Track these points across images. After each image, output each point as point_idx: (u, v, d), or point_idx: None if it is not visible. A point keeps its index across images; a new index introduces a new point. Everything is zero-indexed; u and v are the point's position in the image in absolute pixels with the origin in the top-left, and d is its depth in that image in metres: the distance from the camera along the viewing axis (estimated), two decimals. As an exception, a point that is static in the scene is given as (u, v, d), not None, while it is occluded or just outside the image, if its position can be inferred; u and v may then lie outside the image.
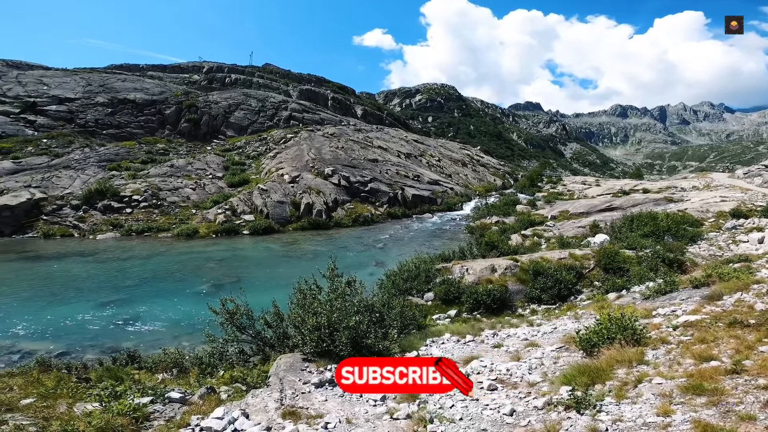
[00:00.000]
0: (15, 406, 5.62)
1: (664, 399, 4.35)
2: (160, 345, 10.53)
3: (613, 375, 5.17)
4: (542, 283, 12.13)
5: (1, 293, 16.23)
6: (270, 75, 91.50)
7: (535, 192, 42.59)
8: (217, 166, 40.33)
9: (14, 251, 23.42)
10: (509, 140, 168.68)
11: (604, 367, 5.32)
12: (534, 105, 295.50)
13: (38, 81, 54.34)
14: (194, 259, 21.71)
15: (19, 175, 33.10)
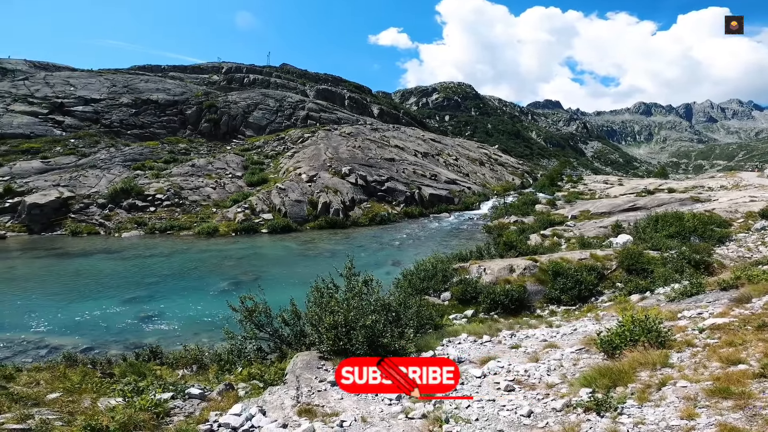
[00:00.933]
0: (41, 401, 5.78)
1: (689, 402, 4.24)
2: (180, 341, 10.78)
3: (636, 377, 5.06)
4: (562, 284, 11.91)
5: (31, 289, 16.87)
6: (287, 75, 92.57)
7: (554, 191, 41.81)
8: (236, 165, 40.99)
9: (43, 248, 24.31)
10: (528, 139, 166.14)
11: (626, 369, 5.21)
12: (553, 103, 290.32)
13: (65, 82, 56.23)
14: (214, 257, 22.12)
15: (48, 175, 34.34)
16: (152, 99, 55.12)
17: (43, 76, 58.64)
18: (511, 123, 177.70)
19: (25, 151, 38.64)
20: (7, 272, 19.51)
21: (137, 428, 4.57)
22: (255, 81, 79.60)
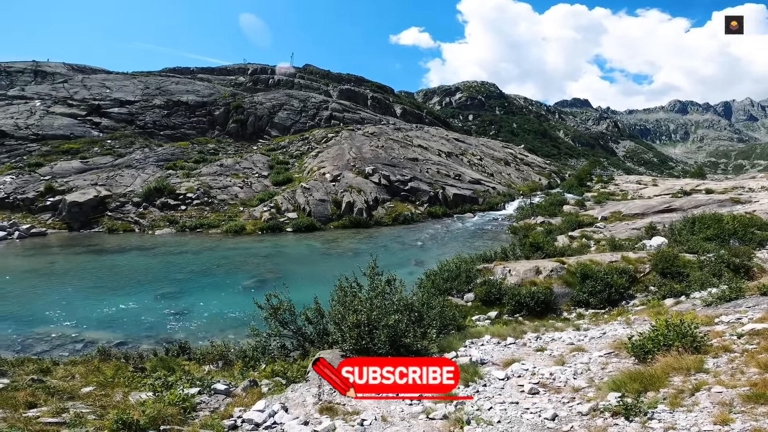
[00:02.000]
0: (76, 394, 6.02)
1: (723, 407, 4.09)
2: (208, 337, 11.04)
3: (668, 382, 4.90)
4: (591, 287, 11.59)
5: (70, 284, 17.70)
6: (310, 75, 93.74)
7: (583, 192, 40.73)
8: (262, 165, 41.81)
9: (82, 245, 25.47)
10: (555, 138, 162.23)
11: (658, 374, 5.05)
12: (582, 101, 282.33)
13: (101, 84, 58.77)
14: (241, 255, 22.62)
15: (86, 174, 35.98)
16: (182, 100, 56.93)
17: (80, 79, 61.46)
18: (538, 122, 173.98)
19: (66, 152, 40.61)
20: (47, 267, 20.55)
21: (166, 422, 4.69)
22: (279, 82, 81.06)
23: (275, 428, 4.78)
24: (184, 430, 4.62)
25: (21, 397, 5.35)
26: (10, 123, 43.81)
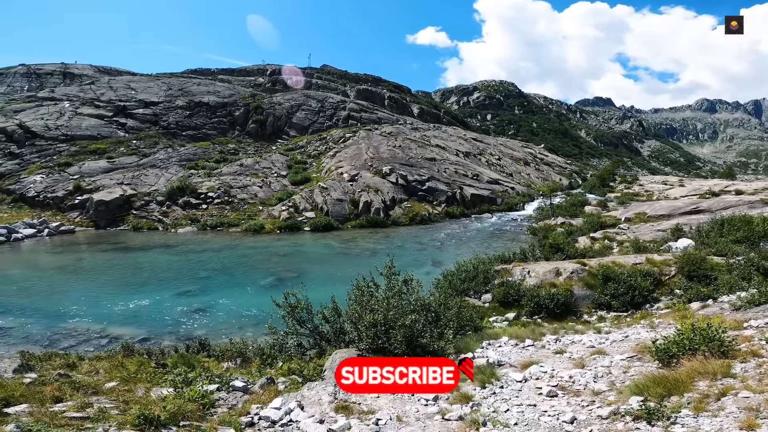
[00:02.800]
0: (100, 389, 6.17)
1: (750, 413, 3.97)
2: (227, 334, 11.22)
3: (693, 387, 4.77)
4: (613, 289, 11.31)
5: (96, 281, 18.29)
6: (328, 76, 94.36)
7: (606, 192, 39.82)
8: (281, 164, 42.32)
9: (108, 242, 26.28)
10: (577, 138, 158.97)
11: (683, 378, 4.91)
12: (604, 100, 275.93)
13: (126, 86, 60.48)
14: (260, 253, 22.94)
15: (113, 174, 37.11)
16: (204, 101, 58.11)
17: (107, 81, 63.42)
18: (558, 121, 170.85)
19: (93, 152, 41.95)
20: (75, 264, 21.26)
21: (185, 418, 4.76)
22: (298, 82, 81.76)
23: (291, 426, 4.81)
24: (202, 426, 4.68)
25: (48, 392, 5.50)
26: (41, 124, 45.51)
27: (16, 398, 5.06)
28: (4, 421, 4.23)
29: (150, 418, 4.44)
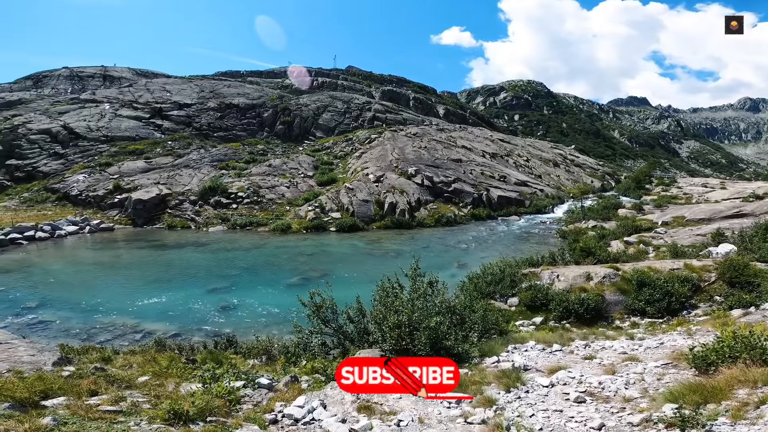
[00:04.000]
0: (133, 383, 6.36)
1: None
2: (253, 332, 11.46)
3: (732, 395, 4.54)
4: (648, 295, 10.88)
5: (132, 277, 19.08)
6: (353, 77, 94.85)
7: (641, 195, 38.37)
8: (308, 165, 42.93)
9: (144, 240, 27.35)
10: (609, 138, 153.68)
11: (721, 386, 4.69)
12: (639, 99, 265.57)
13: (162, 88, 62.86)
14: (287, 253, 23.33)
15: (149, 173, 38.66)
16: (234, 103, 59.72)
17: (144, 83, 66.10)
18: (590, 121, 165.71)
19: (131, 152, 43.86)
20: (114, 261, 22.27)
21: (212, 414, 4.86)
22: (323, 84, 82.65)
23: (314, 424, 4.85)
24: (228, 422, 4.77)
25: (84, 385, 5.68)
26: (83, 125, 47.95)
27: (54, 391, 5.25)
28: (41, 414, 4.39)
29: (179, 413, 4.55)
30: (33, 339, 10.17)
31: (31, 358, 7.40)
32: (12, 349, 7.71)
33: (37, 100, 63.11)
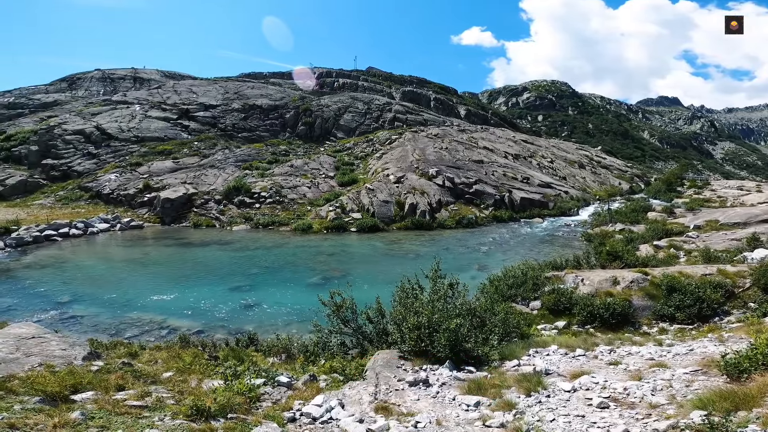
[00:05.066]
0: (158, 379, 6.52)
1: None
2: (274, 330, 11.62)
3: (764, 402, 4.33)
4: (678, 300, 10.50)
5: (159, 274, 19.64)
6: (373, 78, 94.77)
7: (672, 197, 37.04)
8: (329, 166, 43.28)
9: (171, 238, 28.14)
10: (639, 139, 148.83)
11: (753, 393, 4.48)
12: (670, 99, 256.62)
13: (189, 90, 64.57)
14: (308, 252, 23.57)
15: (177, 173, 39.78)
16: (257, 104, 60.80)
17: (171, 85, 68.05)
18: (617, 122, 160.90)
19: (160, 153, 45.24)
20: (143, 257, 22.98)
21: (233, 411, 4.93)
22: (344, 85, 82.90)
23: (331, 423, 4.86)
24: (248, 419, 4.82)
25: (112, 380, 5.85)
26: (115, 126, 49.77)
27: (83, 385, 5.42)
28: (71, 408, 4.51)
29: (201, 409, 4.63)
30: (65, 333, 10.52)
31: (62, 353, 7.68)
32: (45, 343, 8.02)
33: (72, 101, 65.94)
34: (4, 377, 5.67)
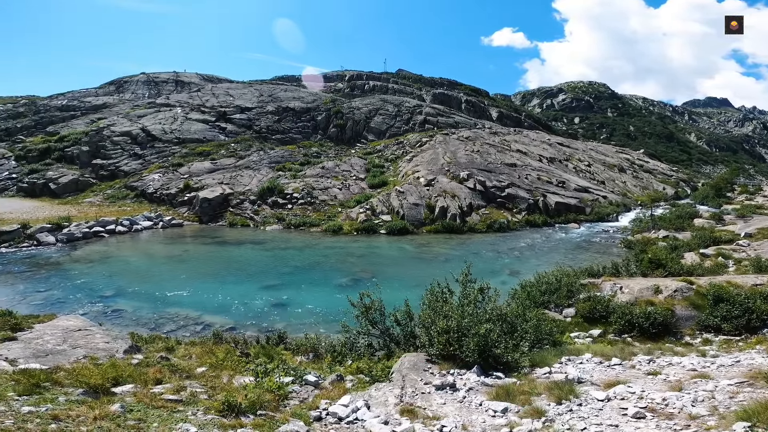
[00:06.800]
0: (192, 374, 6.75)
1: None
2: (302, 329, 11.79)
3: None
4: (725, 311, 9.92)
5: (198, 270, 20.40)
6: (403, 80, 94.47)
7: (721, 203, 34.97)
8: (359, 168, 43.61)
9: (209, 236, 29.18)
10: (685, 142, 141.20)
11: None
12: (719, 100, 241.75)
13: (226, 93, 66.83)
14: (338, 253, 23.81)
15: (215, 174, 41.25)
16: (290, 107, 62.15)
17: (210, 88, 70.68)
18: (662, 124, 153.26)
19: (199, 154, 47.08)
20: (182, 255, 23.94)
21: (262, 408, 5.03)
22: (374, 87, 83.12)
23: (357, 424, 4.86)
24: (276, 416, 4.90)
25: (151, 374, 6.11)
26: (159, 128, 52.25)
27: (124, 378, 5.67)
28: (111, 401, 4.73)
29: (233, 405, 4.75)
30: (108, 327, 11.10)
31: (105, 345, 8.09)
32: (90, 335, 8.49)
33: (119, 104, 69.82)
34: (50, 369, 6.01)
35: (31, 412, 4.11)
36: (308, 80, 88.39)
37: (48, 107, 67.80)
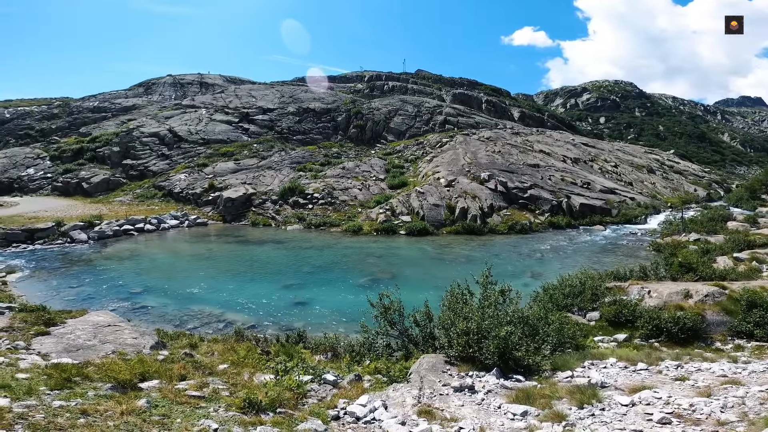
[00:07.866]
0: (214, 370, 6.89)
1: None
2: (321, 328, 11.88)
3: None
4: (759, 317, 9.56)
5: (221, 268, 20.84)
6: (423, 81, 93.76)
7: (756, 206, 33.55)
8: (380, 168, 43.67)
9: (232, 235, 29.79)
10: (717, 142, 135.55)
11: None
12: (753, 100, 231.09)
13: (248, 94, 68.07)
14: (357, 253, 23.91)
15: (238, 174, 42.10)
16: (311, 108, 62.83)
17: (233, 90, 72.14)
18: (692, 124, 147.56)
19: (223, 154, 48.15)
20: (206, 253, 24.53)
21: (282, 405, 5.09)
22: (394, 88, 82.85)
23: (374, 424, 4.86)
24: (295, 414, 4.94)
25: (176, 370, 6.26)
26: (185, 129, 53.70)
27: (150, 374, 5.84)
28: (138, 396, 4.87)
29: (254, 402, 4.83)
30: (135, 323, 11.46)
31: (133, 341, 8.34)
32: (119, 331, 8.77)
33: (148, 105, 72.16)
34: (81, 363, 6.23)
35: (62, 407, 4.23)
36: (312, 81, 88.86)
37: (81, 109, 70.67)
